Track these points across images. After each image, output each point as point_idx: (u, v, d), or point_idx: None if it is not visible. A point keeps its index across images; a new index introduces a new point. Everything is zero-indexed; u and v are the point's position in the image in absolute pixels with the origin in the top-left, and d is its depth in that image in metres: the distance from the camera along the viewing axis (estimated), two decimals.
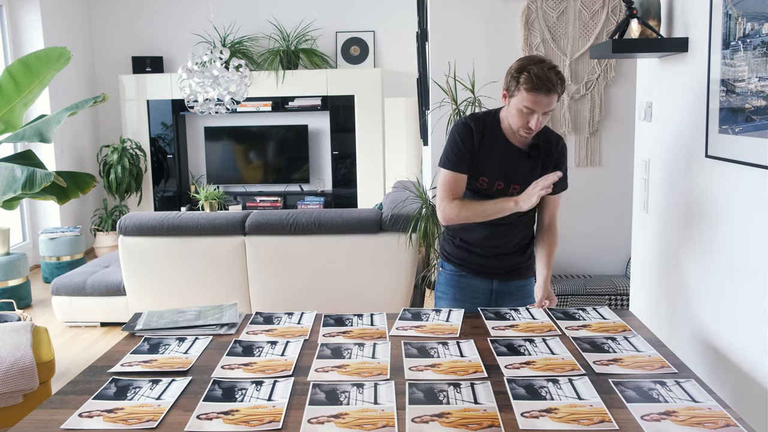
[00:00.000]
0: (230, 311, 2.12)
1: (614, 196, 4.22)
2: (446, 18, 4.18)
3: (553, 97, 2.00)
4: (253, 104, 6.68)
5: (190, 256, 3.99)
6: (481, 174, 2.17)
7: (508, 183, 2.17)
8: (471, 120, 2.17)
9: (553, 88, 1.98)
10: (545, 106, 2.00)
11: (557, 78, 1.99)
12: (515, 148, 2.17)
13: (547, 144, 2.21)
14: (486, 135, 2.15)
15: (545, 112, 2.02)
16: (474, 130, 2.15)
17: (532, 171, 2.18)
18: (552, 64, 2.03)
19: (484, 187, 2.19)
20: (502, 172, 2.17)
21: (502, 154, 2.16)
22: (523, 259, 2.32)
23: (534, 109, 2.01)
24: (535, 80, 1.97)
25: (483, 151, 2.16)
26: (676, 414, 1.41)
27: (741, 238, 1.80)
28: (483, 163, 2.16)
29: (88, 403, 1.51)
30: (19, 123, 3.59)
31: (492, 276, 2.28)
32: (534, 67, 1.99)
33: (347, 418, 1.41)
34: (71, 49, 4.71)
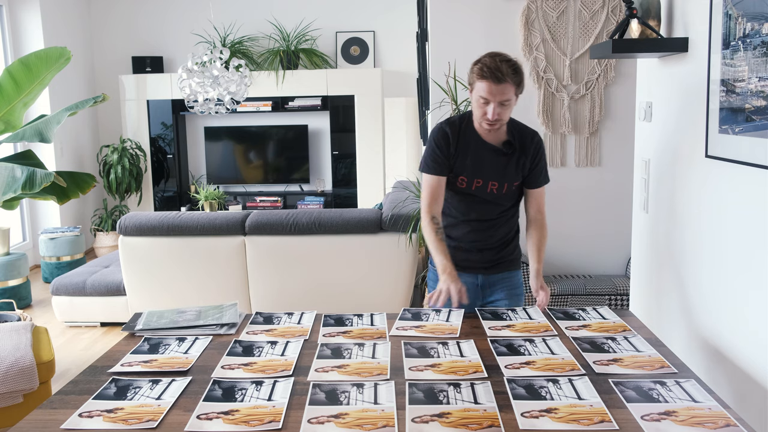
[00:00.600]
0: (230, 311, 2.12)
1: (614, 196, 4.22)
2: (446, 18, 4.18)
3: (505, 86, 2.08)
4: (253, 104, 6.68)
5: (190, 256, 3.99)
6: (460, 174, 2.26)
7: (486, 180, 2.25)
8: (447, 125, 2.27)
9: (502, 77, 2.07)
10: (499, 95, 2.08)
11: (509, 68, 2.08)
12: (490, 146, 2.25)
13: (523, 140, 2.29)
14: (461, 137, 2.25)
15: (502, 102, 2.10)
16: (450, 134, 2.25)
17: (508, 167, 2.26)
18: (507, 57, 2.13)
19: (464, 186, 2.27)
20: (479, 171, 2.25)
21: (477, 153, 2.25)
22: (506, 253, 2.37)
23: (488, 99, 2.10)
24: (486, 70, 2.08)
25: (460, 153, 2.25)
26: (676, 414, 1.41)
27: (741, 238, 1.80)
28: (460, 163, 2.25)
29: (88, 403, 1.51)
30: (19, 123, 3.59)
31: (477, 270, 2.34)
32: (486, 59, 2.11)
33: (347, 418, 1.41)
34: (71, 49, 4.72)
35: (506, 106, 2.12)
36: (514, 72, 2.09)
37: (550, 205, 4.23)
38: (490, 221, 2.30)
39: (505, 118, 2.16)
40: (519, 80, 2.11)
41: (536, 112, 4.19)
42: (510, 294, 2.37)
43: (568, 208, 4.28)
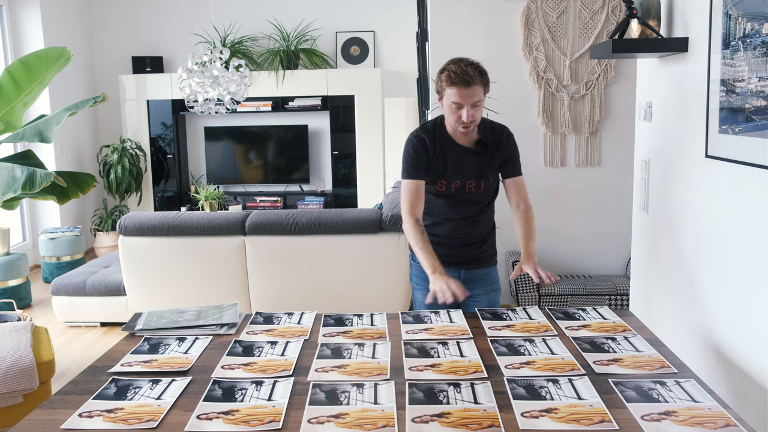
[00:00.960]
0: (230, 311, 2.12)
1: (614, 196, 4.22)
2: (446, 18, 4.18)
3: (474, 89, 2.15)
4: (253, 104, 6.68)
5: (190, 256, 3.99)
6: (439, 178, 2.33)
7: (464, 180, 2.32)
8: (422, 132, 2.34)
9: (471, 80, 2.14)
10: (470, 97, 2.15)
11: (475, 71, 2.16)
12: (463, 148, 2.32)
13: (495, 136, 2.34)
14: (437, 142, 2.32)
15: (473, 104, 2.17)
16: (426, 140, 2.31)
17: (484, 165, 2.32)
18: (470, 61, 2.20)
19: (443, 189, 2.34)
20: (456, 172, 2.31)
21: (452, 156, 2.31)
22: (485, 249, 2.44)
23: (461, 103, 2.17)
24: (454, 76, 2.15)
25: (437, 157, 2.31)
26: (676, 414, 1.41)
27: (741, 238, 1.80)
28: (438, 167, 2.32)
29: (88, 403, 1.51)
30: (19, 123, 3.59)
31: (458, 266, 2.40)
32: (452, 66, 2.19)
33: (347, 418, 1.41)
34: (71, 49, 4.72)
35: (478, 107, 2.19)
36: (480, 74, 2.17)
37: (550, 205, 4.25)
38: (471, 218, 2.37)
39: (478, 118, 2.22)
40: (486, 80, 2.20)
41: (536, 112, 4.19)
42: (488, 290, 2.43)
43: (568, 208, 4.28)
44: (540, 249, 4.32)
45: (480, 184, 2.33)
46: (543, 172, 4.24)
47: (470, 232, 2.39)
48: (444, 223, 2.38)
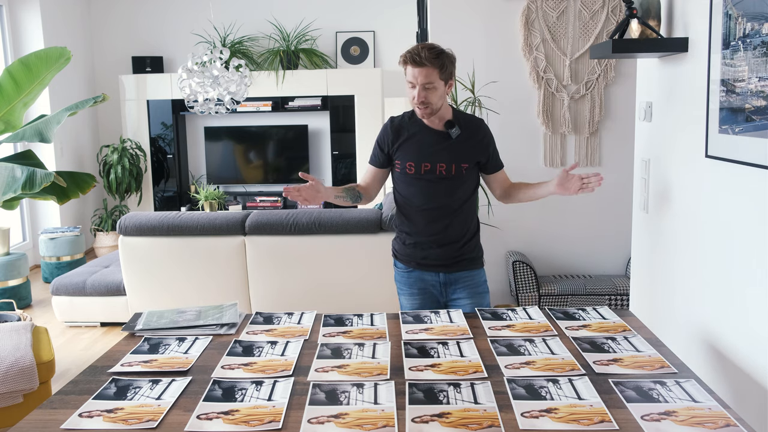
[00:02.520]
0: (230, 311, 2.12)
1: (614, 196, 4.22)
2: (446, 18, 4.18)
3: (425, 70, 2.18)
4: (253, 104, 6.68)
5: (190, 256, 3.99)
6: (408, 160, 2.35)
7: (434, 163, 2.32)
8: (389, 120, 2.41)
9: (420, 61, 2.18)
10: (421, 77, 2.19)
11: (430, 53, 2.18)
12: (433, 131, 2.34)
13: (471, 126, 2.37)
14: (403, 128, 2.36)
15: (425, 86, 2.20)
16: (389, 128, 2.38)
17: (454, 147, 2.33)
18: (432, 45, 2.23)
19: (412, 171, 2.34)
20: (425, 155, 2.32)
21: (421, 139, 2.34)
22: (468, 250, 2.40)
23: (413, 82, 2.21)
24: (407, 55, 2.21)
25: (403, 142, 2.35)
26: (676, 414, 1.40)
27: (741, 238, 1.80)
28: (405, 150, 2.35)
29: (88, 403, 1.51)
30: (19, 123, 3.59)
31: (437, 269, 2.38)
32: (412, 47, 2.24)
33: (347, 418, 1.41)
34: (71, 49, 4.72)
35: (430, 90, 2.21)
36: (434, 56, 2.18)
37: (550, 205, 4.25)
38: (447, 210, 2.34)
39: (434, 102, 2.24)
40: (441, 64, 2.20)
41: (536, 112, 4.19)
42: (473, 293, 2.38)
43: (568, 208, 4.28)
44: (540, 249, 4.32)
45: (451, 167, 2.30)
46: (543, 172, 4.24)
47: (447, 227, 2.34)
48: (419, 214, 2.35)
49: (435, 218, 2.34)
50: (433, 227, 2.35)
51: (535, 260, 4.32)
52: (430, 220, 2.35)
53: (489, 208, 4.16)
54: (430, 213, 2.34)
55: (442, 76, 2.22)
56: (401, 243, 2.44)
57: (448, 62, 2.23)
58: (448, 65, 2.23)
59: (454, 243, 2.36)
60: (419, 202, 2.35)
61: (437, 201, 2.33)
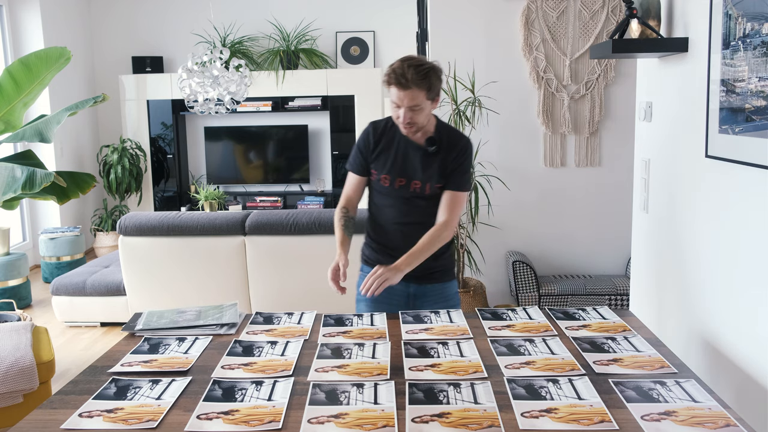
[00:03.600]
0: (230, 311, 2.12)
1: (614, 196, 4.22)
2: (446, 18, 4.18)
3: (411, 92, 2.03)
4: (253, 104, 6.68)
5: (190, 256, 3.99)
6: (383, 172, 2.24)
7: (409, 179, 2.22)
8: (371, 125, 2.27)
9: (406, 84, 2.02)
10: (406, 100, 2.05)
11: (416, 75, 2.02)
12: (413, 145, 2.22)
13: (450, 142, 2.22)
14: (384, 137, 2.23)
15: (412, 107, 2.06)
16: (371, 134, 2.25)
17: (430, 166, 2.21)
18: (418, 62, 2.06)
19: (387, 184, 2.25)
20: (402, 169, 2.22)
21: (400, 152, 2.22)
22: (439, 264, 2.29)
23: (398, 103, 2.08)
24: (392, 75, 2.05)
25: (382, 151, 2.24)
26: (676, 414, 1.40)
27: (741, 238, 1.80)
28: (382, 162, 2.24)
29: (88, 403, 1.51)
30: (19, 123, 3.59)
31: (408, 279, 2.18)
32: (397, 63, 2.07)
33: (347, 418, 1.41)
34: (71, 49, 4.71)
35: (417, 111, 2.07)
36: (421, 78, 2.03)
37: (550, 205, 4.25)
38: (418, 225, 2.22)
39: (420, 122, 2.11)
40: (428, 85, 2.05)
41: (536, 112, 4.19)
42: (444, 306, 2.28)
43: (568, 208, 4.28)
44: (540, 249, 4.32)
45: (425, 186, 2.20)
46: (543, 172, 4.24)
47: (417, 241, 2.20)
48: (393, 227, 2.27)
49: (408, 233, 2.22)
50: (407, 241, 2.20)
51: (535, 260, 4.32)
52: (404, 234, 2.24)
53: (489, 208, 4.16)
54: (404, 227, 2.25)
55: (430, 96, 2.08)
56: (372, 250, 2.35)
57: (435, 80, 2.08)
58: (435, 83, 2.08)
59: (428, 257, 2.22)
60: (393, 216, 2.27)
61: (411, 217, 2.24)
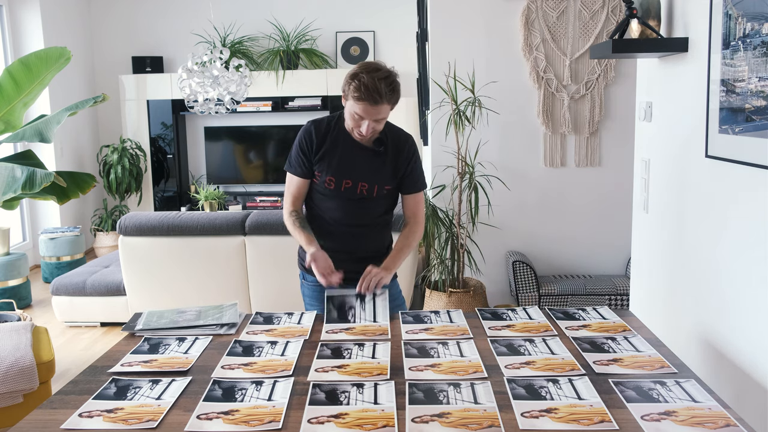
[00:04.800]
0: (230, 311, 2.12)
1: (614, 196, 4.22)
2: (446, 18, 4.18)
3: (381, 107, 2.01)
4: (253, 104, 6.68)
5: (190, 256, 3.99)
6: (328, 174, 2.18)
7: (355, 181, 2.18)
8: (312, 125, 2.19)
9: (380, 100, 1.99)
10: (374, 114, 2.02)
11: (388, 89, 1.99)
12: (359, 146, 2.17)
13: (396, 143, 2.20)
14: (329, 137, 2.17)
15: (381, 119, 2.04)
16: (314, 133, 2.17)
17: (380, 168, 2.18)
18: (387, 73, 2.01)
19: (332, 187, 2.19)
20: (348, 171, 2.17)
21: (346, 153, 2.17)
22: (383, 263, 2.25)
23: (364, 117, 2.03)
24: (363, 90, 1.98)
25: (326, 152, 2.17)
26: (676, 414, 1.40)
27: (741, 238, 1.80)
28: (327, 163, 2.17)
29: (88, 403, 1.51)
30: (19, 123, 3.59)
31: (351, 282, 2.15)
32: (365, 76, 1.98)
33: (347, 418, 1.41)
34: (71, 49, 4.71)
35: (381, 122, 2.06)
36: (392, 92, 2.01)
37: (550, 205, 4.25)
38: (364, 226, 2.22)
39: (379, 131, 2.10)
40: (396, 98, 2.04)
41: (536, 112, 4.19)
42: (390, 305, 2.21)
43: (568, 208, 4.28)
44: (540, 249, 4.32)
45: (373, 188, 2.17)
46: (543, 172, 4.24)
47: (362, 244, 2.23)
48: (334, 229, 2.23)
49: (351, 234, 2.21)
50: (349, 243, 2.21)
51: (535, 260, 4.32)
52: (346, 235, 2.22)
53: (489, 208, 4.16)
54: (346, 228, 2.22)
55: (393, 106, 2.07)
56: None
57: (399, 91, 2.06)
58: (399, 94, 2.07)
59: (371, 258, 2.21)
60: (335, 218, 2.22)
61: (355, 219, 2.21)
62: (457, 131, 3.84)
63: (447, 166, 4.13)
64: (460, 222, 3.91)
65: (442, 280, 3.95)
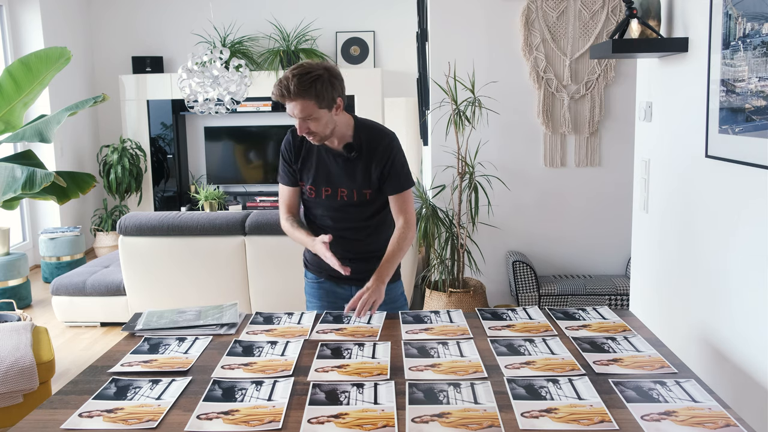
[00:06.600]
0: (230, 311, 2.12)
1: (614, 196, 4.22)
2: (446, 18, 4.18)
3: (297, 102, 1.93)
4: (253, 104, 6.68)
5: (190, 256, 3.99)
6: (308, 183, 2.18)
7: (334, 188, 2.16)
8: (290, 133, 2.18)
9: (289, 96, 1.92)
10: (297, 111, 1.96)
11: (300, 85, 1.91)
12: (332, 152, 2.14)
13: (371, 143, 2.13)
14: (304, 144, 2.15)
15: (305, 118, 1.97)
16: (292, 141, 2.17)
17: (354, 172, 2.13)
18: (304, 70, 1.94)
19: (313, 195, 2.18)
20: (325, 178, 2.15)
21: (321, 160, 2.15)
22: None
23: (290, 114, 1.99)
24: (277, 87, 1.95)
25: (304, 161, 2.17)
26: (676, 414, 1.41)
27: (741, 238, 1.80)
28: (306, 172, 2.17)
29: (88, 403, 1.51)
30: (19, 123, 3.59)
31: (349, 282, 2.20)
32: (284, 74, 1.96)
33: (347, 418, 1.41)
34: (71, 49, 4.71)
35: (312, 121, 1.98)
36: (305, 88, 1.91)
37: (550, 205, 4.25)
38: (355, 230, 2.20)
39: (320, 132, 2.02)
40: (316, 94, 1.93)
41: (536, 112, 4.19)
42: (391, 308, 2.24)
43: (568, 208, 4.28)
44: (540, 249, 4.32)
45: (353, 193, 2.13)
46: (543, 172, 4.24)
47: (360, 244, 2.21)
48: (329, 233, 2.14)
49: (346, 237, 2.19)
50: (345, 245, 2.18)
51: (535, 260, 4.33)
52: (343, 238, 2.18)
53: (489, 208, 4.16)
54: (340, 233, 2.17)
55: (322, 104, 1.96)
56: (311, 253, 2.27)
57: (325, 89, 1.94)
58: (324, 91, 1.94)
59: (370, 258, 2.18)
60: (327, 223, 2.20)
61: (345, 223, 2.19)
62: (457, 131, 3.84)
63: (447, 166, 4.13)
64: (460, 222, 3.91)
65: (442, 280, 3.95)
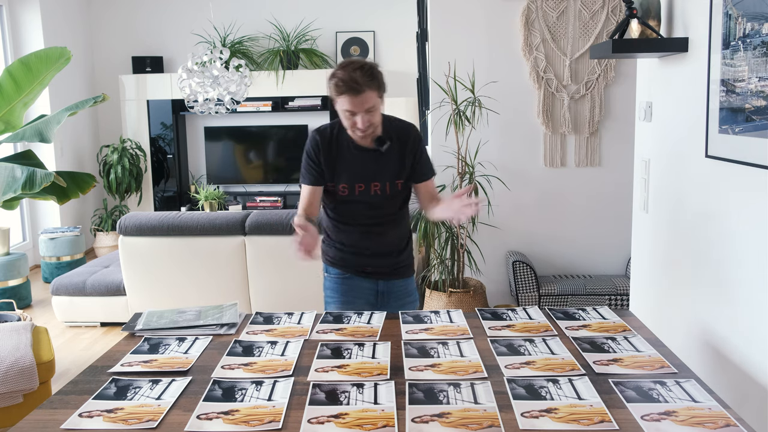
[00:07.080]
0: (230, 311, 2.12)
1: (614, 196, 4.22)
2: (446, 18, 4.18)
3: (365, 95, 2.01)
4: (253, 104, 6.68)
5: (190, 256, 3.99)
6: (340, 182, 2.20)
7: (368, 183, 2.19)
8: (317, 133, 2.21)
9: (359, 88, 2.00)
10: (361, 105, 2.02)
11: (364, 76, 2.00)
12: (363, 148, 2.19)
13: (401, 135, 2.21)
14: (333, 144, 2.19)
15: (367, 110, 2.03)
16: (319, 141, 2.19)
17: (388, 165, 2.19)
18: (360, 63, 2.03)
19: (346, 193, 2.21)
20: (358, 175, 2.19)
21: (352, 157, 2.19)
22: (402, 259, 2.34)
23: (353, 110, 2.03)
24: (341, 84, 2.01)
25: (334, 160, 2.19)
26: (676, 414, 1.40)
27: (741, 238, 1.80)
28: (337, 171, 2.19)
29: (88, 403, 1.51)
30: (19, 123, 3.59)
31: (376, 276, 2.29)
32: (340, 72, 2.02)
33: (347, 418, 1.41)
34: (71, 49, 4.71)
35: (373, 112, 2.06)
36: (370, 78, 2.02)
37: (550, 205, 4.25)
38: (380, 224, 2.26)
39: (377, 122, 2.10)
40: (378, 83, 2.04)
41: (536, 112, 4.19)
42: (405, 302, 2.33)
43: (568, 208, 4.28)
44: (540, 249, 4.32)
45: (386, 186, 2.20)
46: (543, 172, 4.24)
47: (382, 240, 2.27)
48: (355, 231, 2.27)
49: (371, 232, 2.25)
50: (370, 240, 2.26)
51: (535, 260, 4.32)
52: (375, 233, 2.26)
53: (489, 208, 4.16)
54: (365, 228, 2.25)
55: (380, 93, 2.06)
56: (338, 250, 2.32)
57: (381, 76, 2.06)
58: (382, 80, 2.07)
59: (392, 252, 2.30)
60: (358, 219, 2.25)
61: (378, 218, 2.25)
62: (457, 131, 3.84)
63: (447, 166, 4.12)
64: (459, 222, 3.91)
65: (442, 280, 3.95)
